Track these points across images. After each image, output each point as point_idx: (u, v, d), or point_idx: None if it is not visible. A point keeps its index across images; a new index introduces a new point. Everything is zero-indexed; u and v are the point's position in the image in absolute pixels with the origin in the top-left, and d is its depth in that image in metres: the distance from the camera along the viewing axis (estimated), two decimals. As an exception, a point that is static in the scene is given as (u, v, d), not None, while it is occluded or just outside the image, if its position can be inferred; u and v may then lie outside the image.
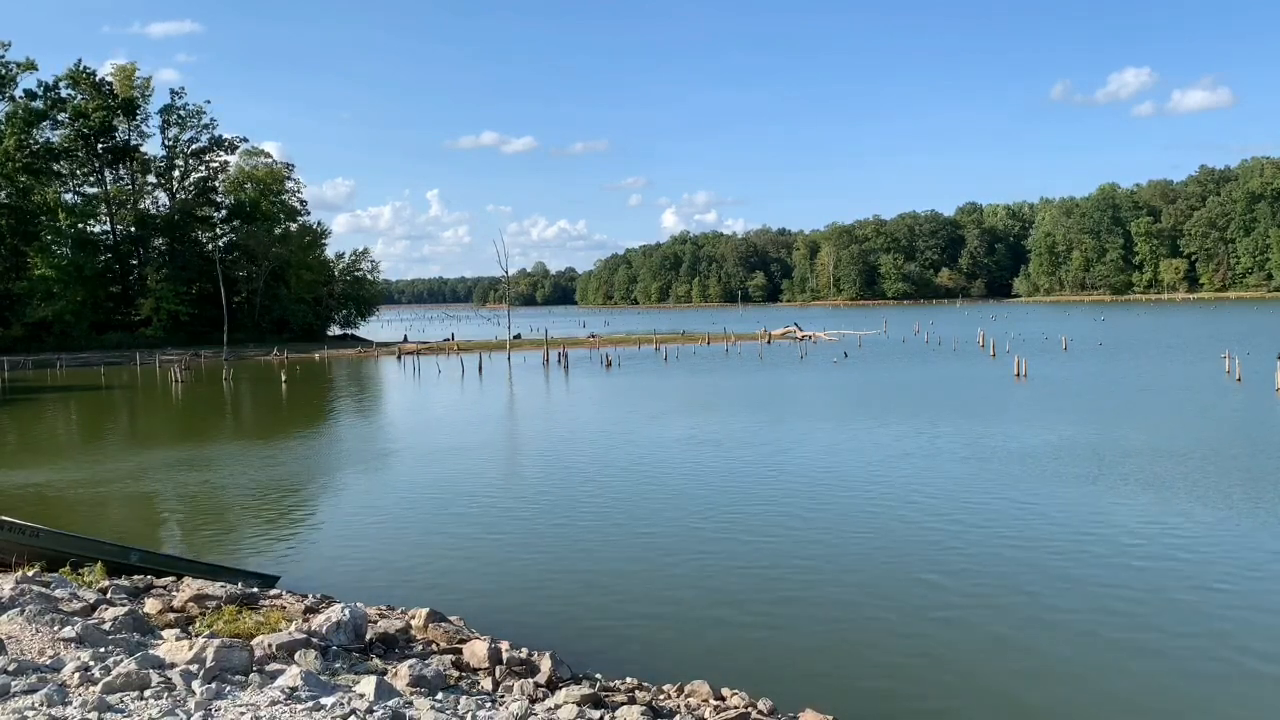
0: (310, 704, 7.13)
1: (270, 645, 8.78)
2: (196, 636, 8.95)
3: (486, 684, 8.99)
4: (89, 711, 6.64)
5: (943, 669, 10.77)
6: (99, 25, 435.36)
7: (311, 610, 11.31)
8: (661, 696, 9.29)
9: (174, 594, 11.86)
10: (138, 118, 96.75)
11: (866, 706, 9.75)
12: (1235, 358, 43.96)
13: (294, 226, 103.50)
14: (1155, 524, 17.01)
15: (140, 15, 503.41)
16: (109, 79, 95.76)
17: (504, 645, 10.06)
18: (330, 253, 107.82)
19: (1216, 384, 40.89)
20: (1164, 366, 50.83)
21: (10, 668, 7.47)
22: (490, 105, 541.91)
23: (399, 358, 78.11)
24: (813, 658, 11.24)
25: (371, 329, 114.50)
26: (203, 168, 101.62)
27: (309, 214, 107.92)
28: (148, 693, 7.10)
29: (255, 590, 12.33)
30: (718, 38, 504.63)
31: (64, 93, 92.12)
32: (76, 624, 8.96)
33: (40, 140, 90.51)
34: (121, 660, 7.74)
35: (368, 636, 9.89)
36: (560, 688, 8.81)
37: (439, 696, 8.10)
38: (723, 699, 9.20)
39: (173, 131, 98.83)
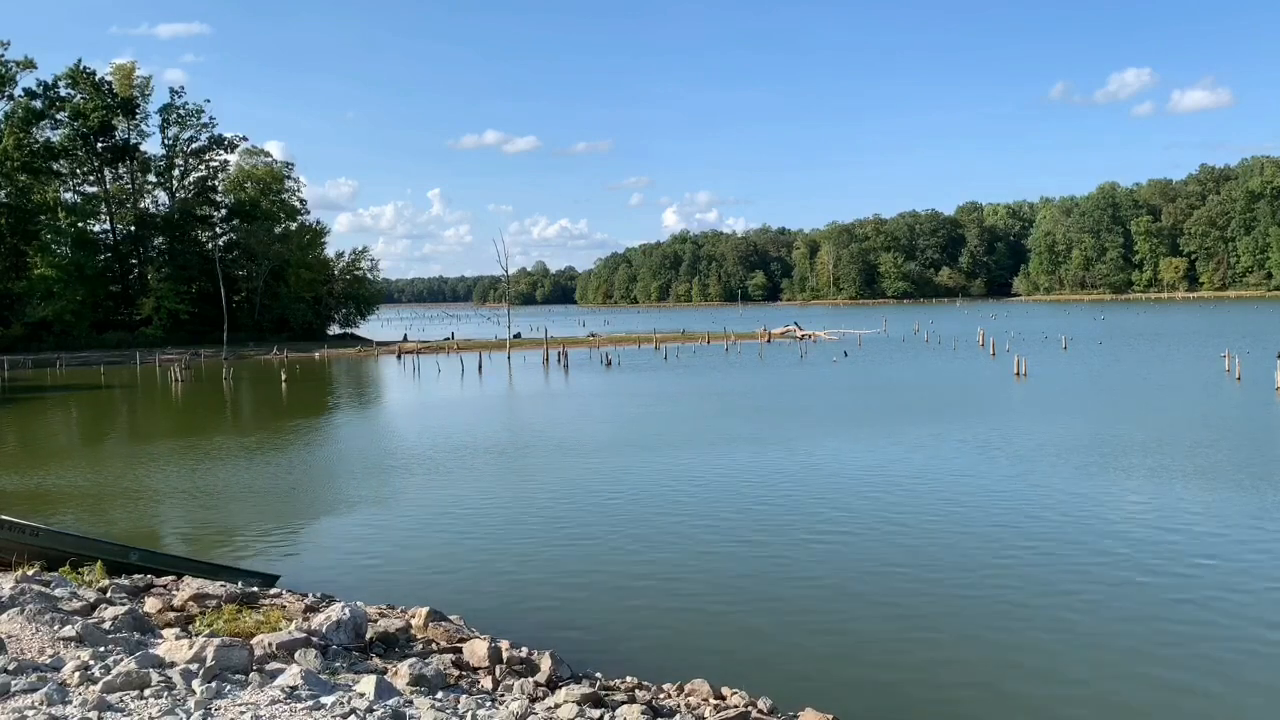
0: (310, 703, 7.13)
1: (270, 644, 8.78)
2: (196, 636, 8.95)
3: (486, 683, 8.99)
4: (89, 711, 6.64)
5: (943, 668, 10.77)
6: (106, 26, 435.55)
7: (311, 609, 11.30)
8: (661, 695, 9.29)
9: (174, 593, 11.85)
10: (137, 117, 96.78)
11: (867, 706, 9.75)
12: (1235, 357, 43.95)
13: (294, 225, 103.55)
14: (1159, 521, 17.01)
15: (148, 16, 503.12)
16: (108, 78, 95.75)
17: (504, 644, 10.06)
18: (330, 251, 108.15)
19: (1217, 383, 40.88)
20: (1164, 365, 50.84)
21: (10, 667, 7.47)
22: (493, 105, 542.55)
23: (399, 357, 78.09)
24: (813, 657, 11.23)
25: (371, 328, 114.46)
26: (202, 167, 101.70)
27: (309, 213, 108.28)
28: (148, 692, 7.10)
29: (255, 589, 12.32)
30: (718, 37, 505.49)
31: (63, 92, 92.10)
32: (76, 623, 8.95)
33: (40, 139, 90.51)
34: (121, 659, 7.73)
35: (368, 636, 9.89)
36: (560, 687, 8.82)
37: (439, 695, 8.10)
38: (722, 698, 9.20)
39: (172, 130, 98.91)
